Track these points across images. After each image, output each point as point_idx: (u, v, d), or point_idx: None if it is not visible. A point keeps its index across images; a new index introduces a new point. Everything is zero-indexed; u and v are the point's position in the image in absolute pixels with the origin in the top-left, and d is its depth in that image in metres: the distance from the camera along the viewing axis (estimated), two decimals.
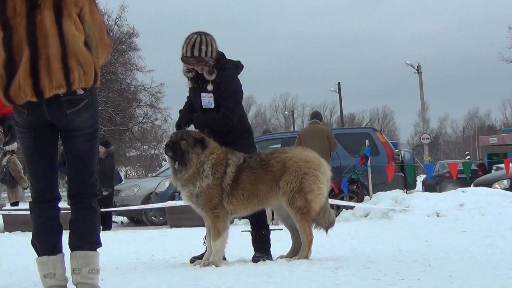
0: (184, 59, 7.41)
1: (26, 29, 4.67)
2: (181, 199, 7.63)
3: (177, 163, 7.15)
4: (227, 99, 7.46)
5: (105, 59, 5.04)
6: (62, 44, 4.67)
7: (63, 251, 4.96)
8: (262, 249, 7.56)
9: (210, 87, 7.40)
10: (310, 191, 7.14)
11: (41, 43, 4.65)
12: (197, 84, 7.53)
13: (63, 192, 14.70)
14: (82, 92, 4.75)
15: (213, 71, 7.40)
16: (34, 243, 4.95)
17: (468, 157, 57.68)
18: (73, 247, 4.86)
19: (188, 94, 7.76)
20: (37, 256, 4.93)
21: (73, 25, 4.73)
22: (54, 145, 4.95)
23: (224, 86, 7.43)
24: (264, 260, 7.23)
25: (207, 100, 7.43)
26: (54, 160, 4.97)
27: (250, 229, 7.80)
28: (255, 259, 7.33)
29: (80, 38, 4.76)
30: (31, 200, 5.02)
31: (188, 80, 7.60)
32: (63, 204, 5.35)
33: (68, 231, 4.92)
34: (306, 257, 7.17)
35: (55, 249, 4.90)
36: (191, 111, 7.64)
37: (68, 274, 4.92)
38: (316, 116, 17.10)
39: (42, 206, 4.93)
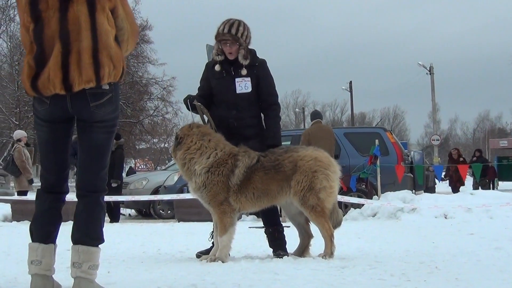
0: (219, 35, 7.41)
1: (59, 23, 4.68)
2: (189, 192, 7.65)
3: None
4: (271, 85, 7.60)
5: (133, 47, 5.12)
6: (94, 38, 4.68)
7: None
8: (282, 246, 7.56)
9: (244, 71, 7.43)
10: (321, 189, 7.12)
11: (73, 37, 4.66)
12: (228, 70, 7.51)
13: (72, 183, 14.73)
14: (107, 87, 4.77)
15: (247, 56, 7.43)
16: (31, 229, 4.99)
17: None
18: (76, 240, 4.86)
19: (201, 83, 7.72)
20: (30, 241, 4.97)
21: (106, 20, 4.75)
22: (68, 140, 4.99)
23: (265, 70, 7.55)
24: (287, 257, 7.24)
25: (243, 84, 7.44)
26: (67, 153, 5.00)
27: (264, 227, 7.77)
28: (280, 256, 7.31)
29: (112, 33, 4.78)
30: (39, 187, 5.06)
31: (217, 63, 7.54)
32: (72, 195, 5.34)
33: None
34: (331, 253, 7.14)
35: (48, 239, 4.93)
36: (207, 96, 7.63)
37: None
38: (319, 115, 17.07)
39: (48, 196, 4.98)
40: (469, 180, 26.75)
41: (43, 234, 4.93)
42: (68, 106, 4.75)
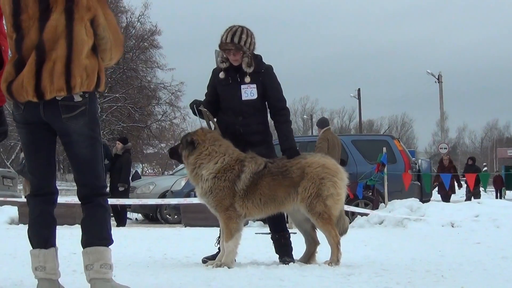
0: (222, 45, 7.42)
1: (38, 32, 4.73)
2: (196, 197, 7.67)
3: None
4: (278, 91, 7.56)
5: (118, 57, 5.13)
6: (68, 48, 4.71)
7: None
8: (288, 252, 7.55)
9: (248, 79, 7.42)
10: (329, 196, 7.11)
11: (49, 46, 4.71)
12: (233, 77, 7.50)
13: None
14: (80, 99, 4.79)
15: (251, 63, 7.41)
16: (29, 235, 5.05)
17: (485, 168, 57.35)
18: (84, 244, 4.90)
19: (208, 89, 7.73)
20: (31, 248, 5.01)
21: (83, 29, 4.77)
22: (51, 140, 4.99)
23: (271, 76, 7.52)
24: (294, 263, 7.23)
25: (249, 91, 7.43)
26: (51, 154, 5.02)
27: (271, 233, 7.74)
28: (286, 263, 7.30)
29: (88, 43, 4.80)
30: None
31: (222, 71, 7.55)
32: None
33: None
34: (337, 260, 7.12)
35: (47, 243, 4.97)
36: (214, 102, 7.63)
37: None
38: (328, 123, 17.08)
39: (36, 200, 5.03)
40: (462, 189, 26.10)
41: (41, 239, 4.98)
42: (41, 114, 4.80)
